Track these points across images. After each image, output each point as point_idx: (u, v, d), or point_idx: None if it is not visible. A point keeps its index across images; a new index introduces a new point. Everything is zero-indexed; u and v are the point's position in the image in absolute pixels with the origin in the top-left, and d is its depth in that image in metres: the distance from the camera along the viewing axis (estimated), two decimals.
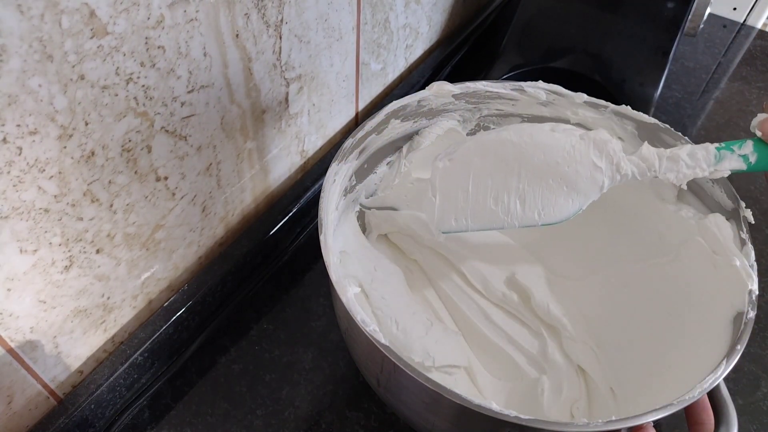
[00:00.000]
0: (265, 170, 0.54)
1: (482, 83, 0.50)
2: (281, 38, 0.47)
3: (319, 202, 0.42)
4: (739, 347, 0.36)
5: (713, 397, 0.37)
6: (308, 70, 0.52)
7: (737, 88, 0.80)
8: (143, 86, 0.37)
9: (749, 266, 0.40)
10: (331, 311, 0.54)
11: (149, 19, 0.35)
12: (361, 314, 0.36)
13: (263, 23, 0.44)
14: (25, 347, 0.39)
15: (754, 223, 0.42)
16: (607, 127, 0.50)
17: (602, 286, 0.51)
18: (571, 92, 0.49)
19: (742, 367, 0.52)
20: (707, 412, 0.37)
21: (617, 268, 0.51)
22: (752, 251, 0.41)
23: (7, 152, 0.31)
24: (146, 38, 0.35)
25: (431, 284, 0.53)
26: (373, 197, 0.53)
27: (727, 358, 0.35)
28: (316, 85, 0.55)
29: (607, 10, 0.68)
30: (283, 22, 0.46)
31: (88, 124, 0.35)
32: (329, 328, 0.53)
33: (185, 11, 0.37)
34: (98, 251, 0.40)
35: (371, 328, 0.35)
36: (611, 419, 0.32)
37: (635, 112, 0.48)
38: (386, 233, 0.55)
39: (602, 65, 0.68)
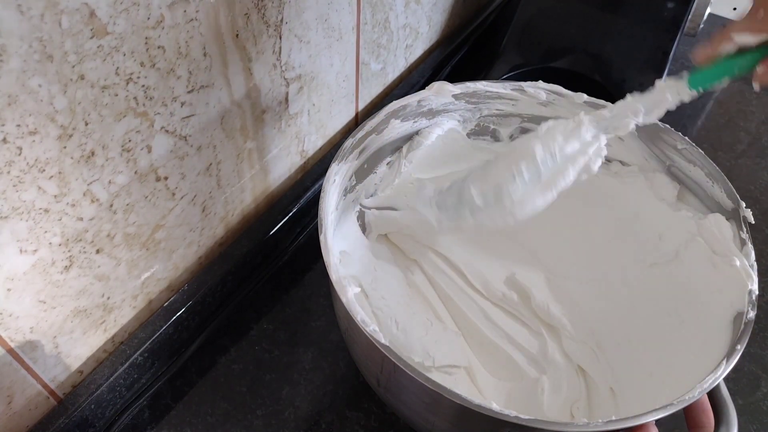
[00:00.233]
0: (265, 170, 0.54)
1: (482, 83, 0.50)
2: (281, 38, 0.47)
3: (319, 202, 0.42)
4: (739, 347, 0.36)
5: (713, 397, 0.37)
6: (308, 70, 0.52)
7: (737, 88, 0.80)
8: (143, 86, 0.37)
9: (749, 266, 0.40)
10: (331, 311, 0.54)
11: (149, 19, 0.35)
12: (361, 314, 0.36)
13: (263, 23, 0.44)
14: (25, 347, 0.39)
15: (754, 223, 0.42)
16: None
17: (602, 286, 0.51)
18: (571, 92, 0.49)
19: (742, 367, 0.52)
20: (707, 414, 0.36)
21: (617, 268, 0.51)
22: (752, 251, 0.41)
23: (7, 152, 0.31)
24: (146, 38, 0.35)
25: (431, 284, 0.53)
26: (373, 197, 0.53)
27: (727, 358, 0.35)
28: (316, 85, 0.55)
29: (607, 10, 0.68)
30: (283, 22, 0.46)
31: (88, 124, 0.35)
32: (329, 328, 0.53)
33: (185, 11, 0.37)
34: (98, 251, 0.40)
35: (371, 328, 0.35)
36: (611, 419, 0.32)
37: None
38: (386, 233, 0.55)
39: (602, 65, 0.68)
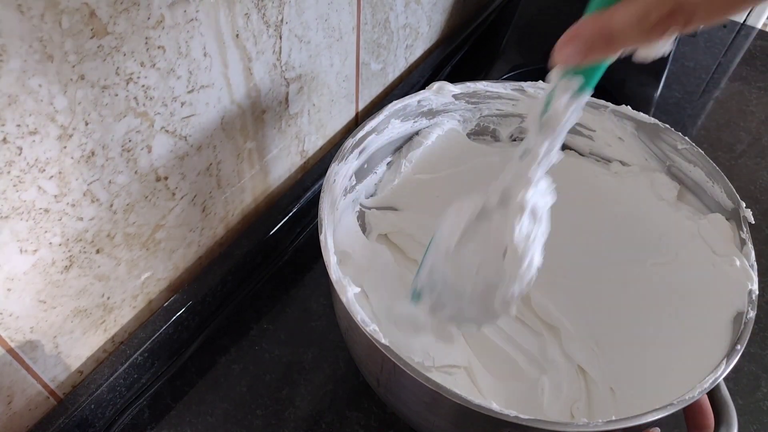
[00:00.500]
0: (265, 170, 0.54)
1: (482, 83, 0.50)
2: (281, 38, 0.47)
3: (319, 202, 0.42)
4: (739, 347, 0.36)
5: (713, 397, 0.37)
6: (308, 70, 0.52)
7: (737, 88, 0.80)
8: (143, 86, 0.37)
9: (749, 266, 0.40)
10: (331, 311, 0.54)
11: (149, 19, 0.35)
12: (361, 314, 0.35)
13: (263, 23, 0.44)
14: (25, 347, 0.39)
15: (754, 223, 0.42)
16: (606, 127, 0.50)
17: (602, 286, 0.51)
18: None
19: (742, 367, 0.52)
20: (707, 415, 0.36)
21: (617, 268, 0.51)
22: (752, 251, 0.41)
23: (7, 152, 0.31)
24: (146, 38, 0.35)
25: None
26: (373, 197, 0.53)
27: (727, 358, 0.35)
28: (316, 85, 0.55)
29: None
30: (283, 22, 0.46)
31: (88, 124, 0.35)
32: (329, 328, 0.53)
33: (185, 11, 0.37)
34: (98, 251, 0.40)
35: (371, 328, 0.35)
36: (611, 419, 0.32)
37: (635, 112, 0.48)
38: (386, 233, 0.54)
39: None
